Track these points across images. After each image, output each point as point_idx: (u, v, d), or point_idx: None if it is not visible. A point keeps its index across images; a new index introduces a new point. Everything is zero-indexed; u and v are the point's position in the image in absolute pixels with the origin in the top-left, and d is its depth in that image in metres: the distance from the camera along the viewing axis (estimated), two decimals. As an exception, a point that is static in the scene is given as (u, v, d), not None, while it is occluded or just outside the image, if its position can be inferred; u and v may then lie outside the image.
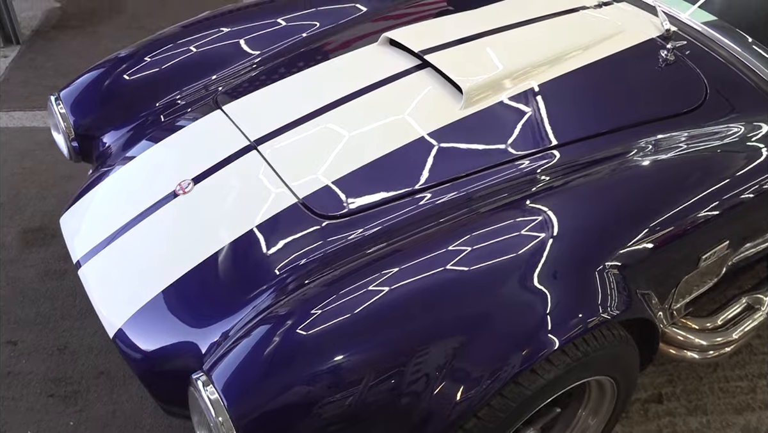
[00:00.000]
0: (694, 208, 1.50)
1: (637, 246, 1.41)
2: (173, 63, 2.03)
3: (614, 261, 1.36)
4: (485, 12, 2.08)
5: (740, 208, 1.57)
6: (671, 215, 1.47)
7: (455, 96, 1.69)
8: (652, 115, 1.70)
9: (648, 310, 1.39)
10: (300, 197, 1.48)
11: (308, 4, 2.30)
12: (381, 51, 1.90)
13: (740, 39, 1.93)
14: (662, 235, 1.44)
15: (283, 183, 1.52)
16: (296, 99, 1.78)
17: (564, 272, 1.32)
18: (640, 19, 2.01)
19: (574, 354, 1.26)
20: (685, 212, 1.48)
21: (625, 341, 1.37)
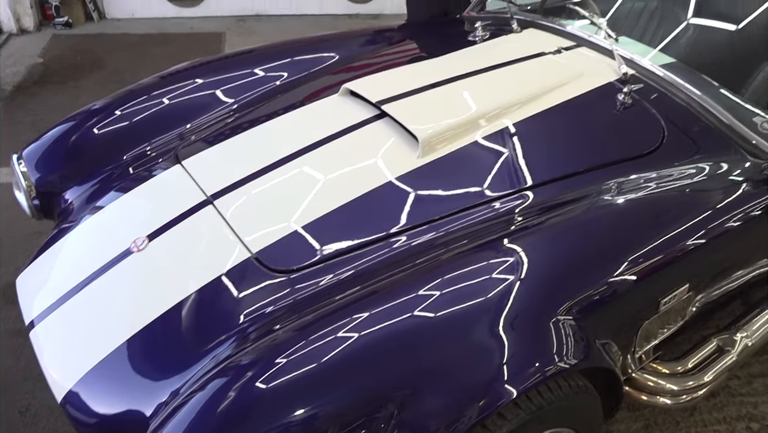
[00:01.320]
0: (653, 251, 1.49)
1: (595, 292, 1.40)
2: (145, 114, 2.05)
3: (571, 309, 1.35)
4: (447, 60, 2.11)
5: (700, 250, 1.56)
6: (629, 259, 1.46)
7: (413, 145, 1.70)
8: (610, 159, 1.70)
9: (607, 358, 1.37)
10: (254, 252, 1.47)
11: (284, 54, 2.34)
12: (342, 102, 1.91)
13: (698, 81, 1.96)
14: (621, 280, 1.43)
15: (238, 238, 1.50)
16: (257, 151, 1.79)
17: (522, 322, 1.30)
18: (599, 63, 2.03)
19: (529, 407, 1.23)
20: (644, 256, 1.47)
21: (584, 391, 1.34)
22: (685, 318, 1.65)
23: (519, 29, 2.28)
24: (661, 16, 2.51)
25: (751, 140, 1.78)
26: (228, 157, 1.80)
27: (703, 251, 1.57)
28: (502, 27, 2.35)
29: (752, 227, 1.68)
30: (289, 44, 2.54)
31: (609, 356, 1.39)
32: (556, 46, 2.12)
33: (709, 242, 1.57)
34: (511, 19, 2.31)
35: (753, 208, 1.67)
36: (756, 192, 1.71)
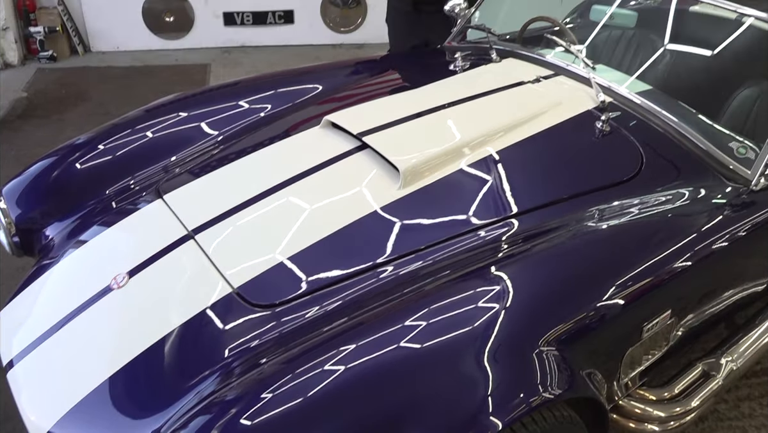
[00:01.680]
0: (635, 277, 1.49)
1: (579, 320, 1.40)
2: (129, 148, 2.05)
3: (555, 338, 1.34)
4: (428, 90, 2.13)
5: (681, 275, 1.57)
6: (612, 286, 1.46)
7: (395, 176, 1.70)
8: (592, 186, 1.72)
9: (592, 388, 1.36)
10: (235, 287, 1.46)
11: (268, 86, 2.35)
12: (323, 134, 1.92)
13: (675, 107, 1.99)
14: (604, 306, 1.44)
15: (219, 273, 1.49)
16: (239, 184, 1.78)
17: (507, 352, 1.30)
18: (577, 91, 2.06)
19: (515, 441, 1.22)
20: (627, 282, 1.48)
21: (570, 422, 1.33)
22: (669, 343, 1.66)
23: (498, 59, 2.32)
24: (638, 43, 2.57)
25: (729, 165, 1.81)
26: (210, 191, 1.80)
27: (684, 277, 1.58)
28: (482, 57, 2.38)
29: (733, 251, 1.70)
30: (273, 76, 2.57)
31: (594, 385, 1.38)
32: (535, 75, 2.16)
33: (690, 268, 1.58)
34: (490, 49, 2.35)
35: (733, 232, 1.69)
36: (736, 216, 1.73)
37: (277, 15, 5.28)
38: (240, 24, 5.25)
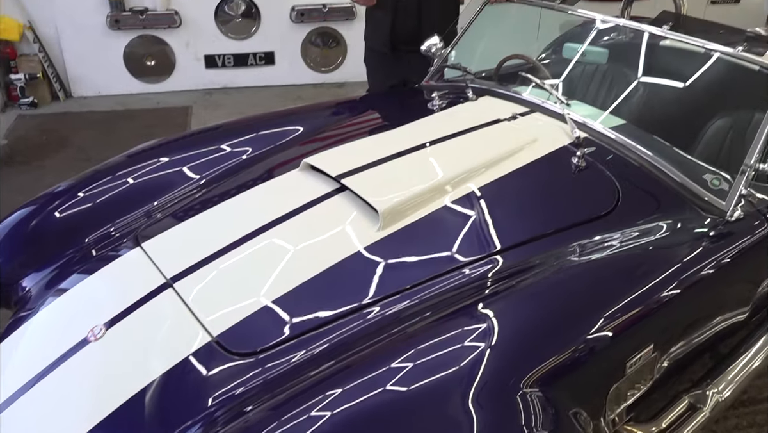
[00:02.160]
0: (617, 312, 1.50)
1: (562, 358, 1.39)
2: (110, 195, 2.04)
3: (539, 379, 1.33)
4: (406, 130, 2.15)
5: (663, 308, 1.57)
6: (596, 322, 1.46)
7: (374, 217, 1.71)
8: (571, 221, 1.73)
9: (578, 427, 1.35)
10: (214, 335, 1.44)
11: (249, 129, 2.37)
12: (303, 177, 1.92)
13: (649, 141, 2.02)
14: (587, 343, 1.43)
15: (198, 321, 1.47)
16: (219, 230, 1.77)
17: (492, 394, 1.29)
18: (552, 128, 2.09)
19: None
20: (610, 317, 1.48)
21: (555, 464, 1.31)
22: (654, 377, 1.65)
23: (475, 97, 2.35)
24: (611, 78, 2.62)
25: (704, 197, 1.83)
26: (190, 237, 1.79)
27: (666, 310, 1.58)
28: (459, 95, 2.42)
29: (713, 282, 1.71)
30: (254, 119, 2.58)
31: (579, 424, 1.37)
32: (511, 112, 2.19)
33: (671, 301, 1.59)
34: (466, 87, 2.38)
35: (712, 263, 1.70)
36: (714, 247, 1.74)
37: (258, 56, 5.34)
38: (221, 66, 5.30)
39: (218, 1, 5.08)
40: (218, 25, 5.17)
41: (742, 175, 1.79)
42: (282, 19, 5.23)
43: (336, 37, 5.39)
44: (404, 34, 2.97)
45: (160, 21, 4.99)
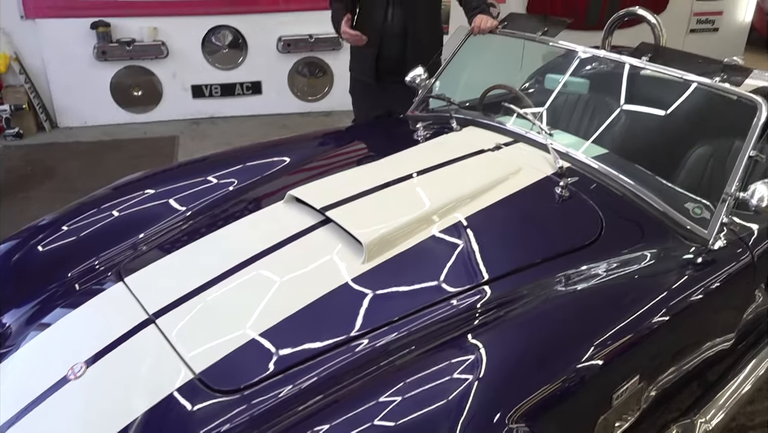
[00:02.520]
0: (604, 343, 1.49)
1: (550, 391, 1.38)
2: (95, 228, 2.02)
3: (525, 413, 1.32)
4: (391, 161, 2.16)
5: (650, 337, 1.57)
6: (581, 354, 1.45)
7: (359, 250, 1.70)
8: (556, 251, 1.74)
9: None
10: (197, 372, 1.42)
11: (236, 161, 2.36)
12: (287, 209, 1.92)
13: (631, 170, 2.04)
14: (575, 374, 1.42)
15: (180, 358, 1.45)
16: (203, 263, 1.76)
17: (478, 429, 1.27)
18: (536, 158, 2.11)
19: None
20: (598, 347, 1.47)
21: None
22: (641, 407, 1.64)
23: (459, 128, 2.37)
24: (593, 107, 2.65)
25: (686, 226, 1.85)
26: (174, 271, 1.77)
27: (651, 339, 1.58)
28: (444, 126, 2.44)
29: (698, 310, 1.72)
30: (240, 150, 2.59)
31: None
32: (495, 142, 2.20)
33: (657, 330, 1.59)
34: (450, 118, 2.40)
35: (697, 291, 1.71)
36: (698, 276, 1.75)
37: (245, 86, 5.37)
38: (208, 96, 5.33)
39: (205, 32, 5.13)
40: (205, 55, 5.20)
41: (723, 204, 1.80)
42: (269, 50, 5.28)
43: (322, 66, 5.44)
44: (389, 65, 3.00)
45: (147, 52, 5.02)
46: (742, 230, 1.91)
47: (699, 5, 6.11)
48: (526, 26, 2.60)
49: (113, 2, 4.83)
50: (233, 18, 5.13)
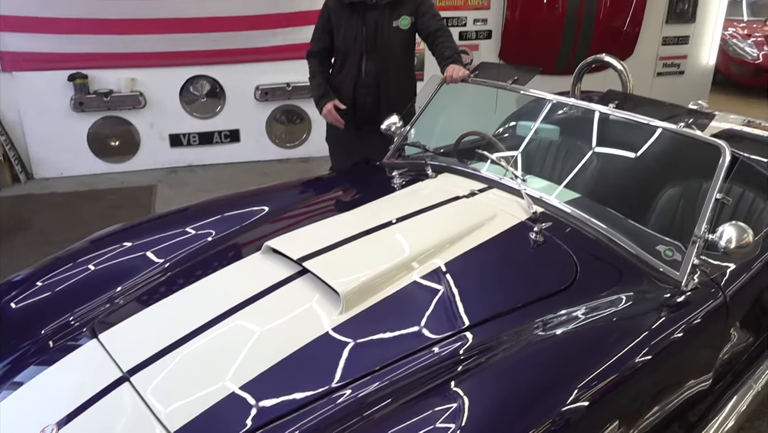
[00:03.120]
0: (583, 388, 1.49)
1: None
2: (70, 282, 1.99)
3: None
4: (368, 210, 2.18)
5: (628, 380, 1.58)
6: (562, 399, 1.45)
7: (337, 300, 1.70)
8: (534, 296, 1.75)
9: None
10: (172, 431, 1.39)
11: (215, 211, 2.36)
12: (265, 260, 1.92)
13: (603, 214, 2.08)
14: (554, 421, 1.41)
15: (155, 417, 1.42)
16: (179, 317, 1.74)
17: None
18: (510, 203, 2.14)
19: None
20: (576, 394, 1.47)
21: None
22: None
23: (434, 174, 2.41)
24: (565, 151, 2.72)
25: (659, 268, 1.88)
26: (150, 325, 1.75)
27: (631, 381, 1.58)
28: (419, 172, 2.47)
29: (675, 352, 1.73)
30: (219, 201, 2.59)
31: None
32: (470, 189, 2.24)
33: (635, 372, 1.59)
34: (426, 165, 2.44)
35: (673, 333, 1.72)
36: (673, 317, 1.77)
37: (223, 134, 5.40)
38: (186, 145, 5.35)
39: (183, 81, 5.18)
40: (183, 104, 5.24)
41: (693, 246, 1.84)
42: (247, 98, 5.34)
43: (300, 113, 5.50)
44: (364, 114, 3.06)
45: (124, 102, 5.04)
46: (714, 270, 1.94)
47: (664, 50, 6.33)
48: (498, 75, 2.67)
49: (91, 54, 4.86)
50: (211, 68, 5.20)
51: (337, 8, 3.01)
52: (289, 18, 5.05)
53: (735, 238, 1.75)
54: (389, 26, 2.99)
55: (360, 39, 2.99)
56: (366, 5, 2.96)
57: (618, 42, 5.94)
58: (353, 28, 2.99)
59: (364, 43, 2.99)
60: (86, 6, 4.69)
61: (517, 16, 5.54)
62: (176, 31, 4.94)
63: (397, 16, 2.99)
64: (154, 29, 4.88)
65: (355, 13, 2.97)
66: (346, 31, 3.00)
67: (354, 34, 2.99)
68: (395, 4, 2.98)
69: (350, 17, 2.98)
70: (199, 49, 5.06)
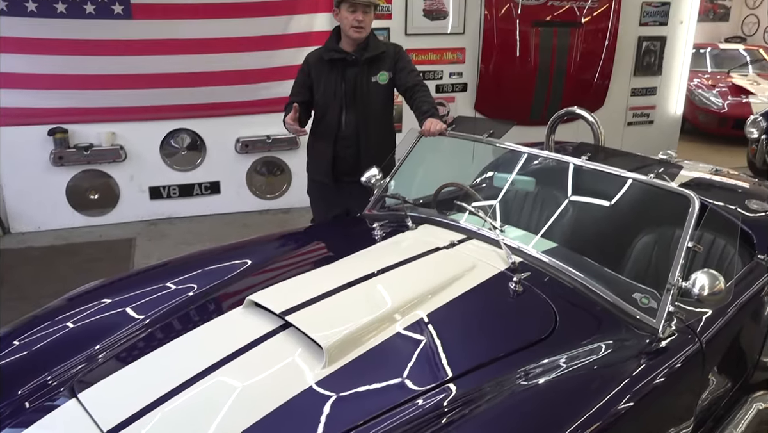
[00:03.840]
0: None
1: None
2: (48, 341, 1.95)
3: None
4: (350, 262, 2.20)
5: (610, 428, 1.59)
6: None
7: (320, 354, 1.70)
8: (515, 346, 1.77)
9: None
10: (154, 494, 1.36)
11: (196, 265, 2.36)
12: (247, 314, 1.92)
13: (580, 263, 2.13)
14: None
15: (136, 478, 1.40)
16: (161, 374, 1.72)
17: None
18: (489, 254, 2.18)
19: None
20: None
21: None
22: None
23: (414, 226, 2.45)
24: (542, 201, 2.78)
25: (635, 315, 1.92)
26: (131, 383, 1.73)
27: (612, 430, 1.59)
28: (400, 224, 2.51)
29: (655, 399, 1.75)
30: (200, 255, 2.58)
31: None
32: (449, 240, 2.28)
33: (617, 420, 1.61)
34: (406, 217, 2.48)
35: (652, 381, 1.74)
36: (652, 364, 1.80)
37: (203, 186, 5.43)
38: (166, 197, 5.35)
39: (164, 135, 5.22)
40: (163, 157, 5.27)
41: (668, 294, 1.88)
42: (227, 150, 5.39)
43: (280, 165, 5.56)
44: (345, 165, 3.11)
45: (105, 156, 5.06)
46: (689, 317, 1.98)
47: (634, 100, 6.55)
48: (474, 128, 2.75)
49: (72, 109, 4.89)
50: (191, 121, 5.25)
51: (317, 64, 3.11)
52: (270, 73, 5.17)
53: (708, 285, 1.80)
54: (368, 81, 3.09)
55: (339, 94, 3.08)
56: (346, 61, 3.05)
57: (589, 94, 6.14)
58: (333, 84, 3.08)
59: (343, 97, 3.08)
60: (67, 62, 4.75)
61: (491, 69, 5.72)
62: (157, 86, 5.01)
63: (376, 71, 3.09)
64: (136, 84, 4.94)
65: (335, 68, 3.07)
66: (325, 86, 3.09)
67: (333, 89, 3.08)
68: (374, 60, 3.09)
69: (330, 73, 3.07)
70: (179, 104, 5.12)
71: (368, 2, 2.98)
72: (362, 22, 2.98)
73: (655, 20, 6.33)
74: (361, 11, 2.96)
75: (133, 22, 4.79)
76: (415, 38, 5.48)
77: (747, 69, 9.15)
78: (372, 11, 3.03)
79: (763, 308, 2.34)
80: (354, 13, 2.96)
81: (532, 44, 5.75)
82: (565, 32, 5.82)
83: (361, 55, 3.06)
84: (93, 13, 4.70)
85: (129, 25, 4.78)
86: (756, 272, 2.37)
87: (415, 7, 5.42)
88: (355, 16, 2.96)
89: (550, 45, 5.80)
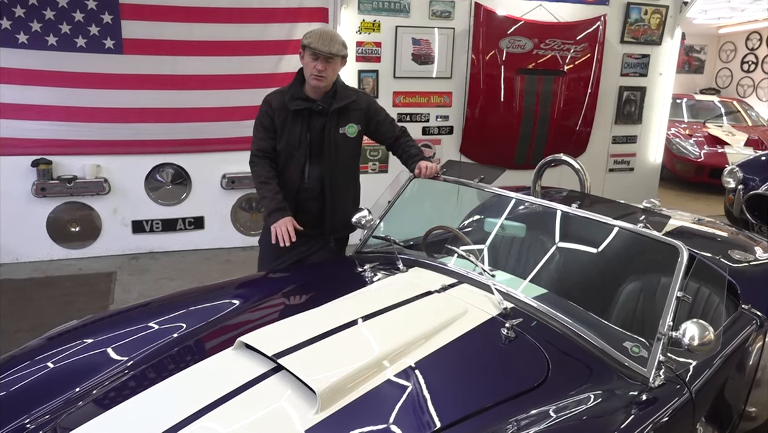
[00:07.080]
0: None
1: None
2: (26, 382, 1.89)
3: None
4: (341, 305, 2.18)
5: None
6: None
7: (313, 398, 1.68)
8: (507, 394, 1.76)
9: None
10: None
11: (181, 304, 2.32)
12: (237, 356, 1.89)
13: (571, 310, 2.14)
14: None
15: None
16: (146, 420, 1.67)
17: None
18: (481, 298, 2.19)
19: None
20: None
21: None
22: None
23: (405, 269, 2.45)
24: (530, 246, 2.81)
25: (626, 363, 1.92)
26: (113, 429, 1.68)
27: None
28: (390, 266, 2.51)
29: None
30: (185, 294, 2.54)
31: None
32: (440, 284, 2.28)
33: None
34: (397, 259, 2.48)
35: (643, 431, 1.75)
36: (642, 415, 1.80)
37: (187, 221, 5.38)
38: (149, 231, 5.30)
39: (149, 169, 5.19)
40: (148, 191, 5.23)
41: (658, 343, 1.90)
42: (212, 186, 5.37)
43: (266, 202, 5.54)
44: (306, 218, 2.93)
45: (88, 188, 5.01)
46: (679, 367, 1.99)
47: (615, 147, 6.70)
48: (464, 173, 2.78)
49: (57, 141, 4.86)
50: (177, 156, 5.24)
51: (280, 110, 2.89)
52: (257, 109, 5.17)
53: (697, 336, 1.82)
54: (336, 133, 2.90)
55: (304, 144, 2.88)
56: (312, 111, 2.86)
57: (571, 140, 6.27)
58: (297, 133, 2.88)
59: (308, 148, 2.89)
60: (55, 94, 4.74)
61: (477, 114, 5.82)
62: (145, 121, 5.00)
63: (344, 123, 2.92)
64: (123, 118, 4.93)
65: (300, 117, 2.87)
66: (289, 135, 2.89)
67: (298, 139, 2.88)
68: (343, 111, 2.90)
69: (294, 122, 2.87)
70: (167, 138, 5.11)
71: (329, 54, 2.73)
72: (323, 72, 2.75)
73: (635, 71, 6.52)
74: (322, 60, 2.74)
75: (124, 56, 4.81)
76: (403, 81, 5.58)
77: (722, 120, 9.43)
78: (337, 61, 2.80)
79: (747, 358, 2.36)
80: (315, 61, 2.74)
81: (517, 90, 5.88)
82: (550, 80, 5.96)
83: (329, 105, 2.85)
84: (84, 47, 4.71)
85: (119, 59, 4.80)
86: (741, 321, 2.40)
87: (404, 51, 5.53)
88: (316, 65, 2.74)
89: (534, 91, 5.93)
